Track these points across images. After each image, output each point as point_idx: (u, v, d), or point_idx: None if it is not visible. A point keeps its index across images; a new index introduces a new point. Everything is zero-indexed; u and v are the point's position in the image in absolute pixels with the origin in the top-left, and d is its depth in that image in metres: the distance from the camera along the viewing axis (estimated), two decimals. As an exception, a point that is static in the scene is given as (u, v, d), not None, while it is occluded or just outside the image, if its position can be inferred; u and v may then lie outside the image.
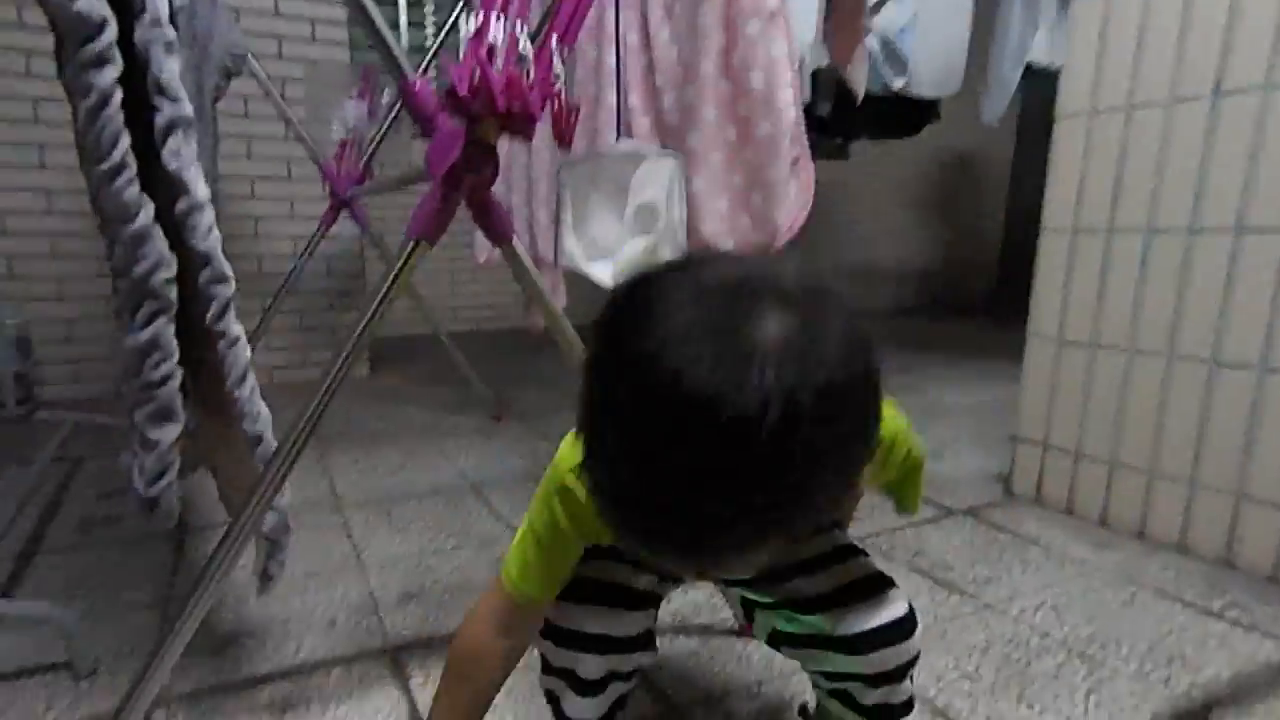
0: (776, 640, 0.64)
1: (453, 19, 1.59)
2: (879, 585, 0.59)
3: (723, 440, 0.34)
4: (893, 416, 0.60)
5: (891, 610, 0.58)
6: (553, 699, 0.65)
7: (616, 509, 0.40)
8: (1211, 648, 0.96)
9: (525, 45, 0.68)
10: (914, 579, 1.14)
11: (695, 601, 1.05)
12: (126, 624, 0.99)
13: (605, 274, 1.28)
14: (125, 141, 0.51)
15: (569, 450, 0.55)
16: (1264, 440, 1.13)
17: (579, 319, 0.94)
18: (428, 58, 1.64)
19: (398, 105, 1.69)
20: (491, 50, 0.66)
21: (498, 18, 0.65)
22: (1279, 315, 1.10)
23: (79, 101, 0.53)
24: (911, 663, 0.59)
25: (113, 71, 0.53)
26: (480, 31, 0.65)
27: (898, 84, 2.38)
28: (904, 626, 0.58)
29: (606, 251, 1.26)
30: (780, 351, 0.34)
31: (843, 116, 2.70)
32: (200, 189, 0.56)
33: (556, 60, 0.70)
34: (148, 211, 0.53)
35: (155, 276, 0.51)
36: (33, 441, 1.65)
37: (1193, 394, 1.22)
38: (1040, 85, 2.37)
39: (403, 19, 3.44)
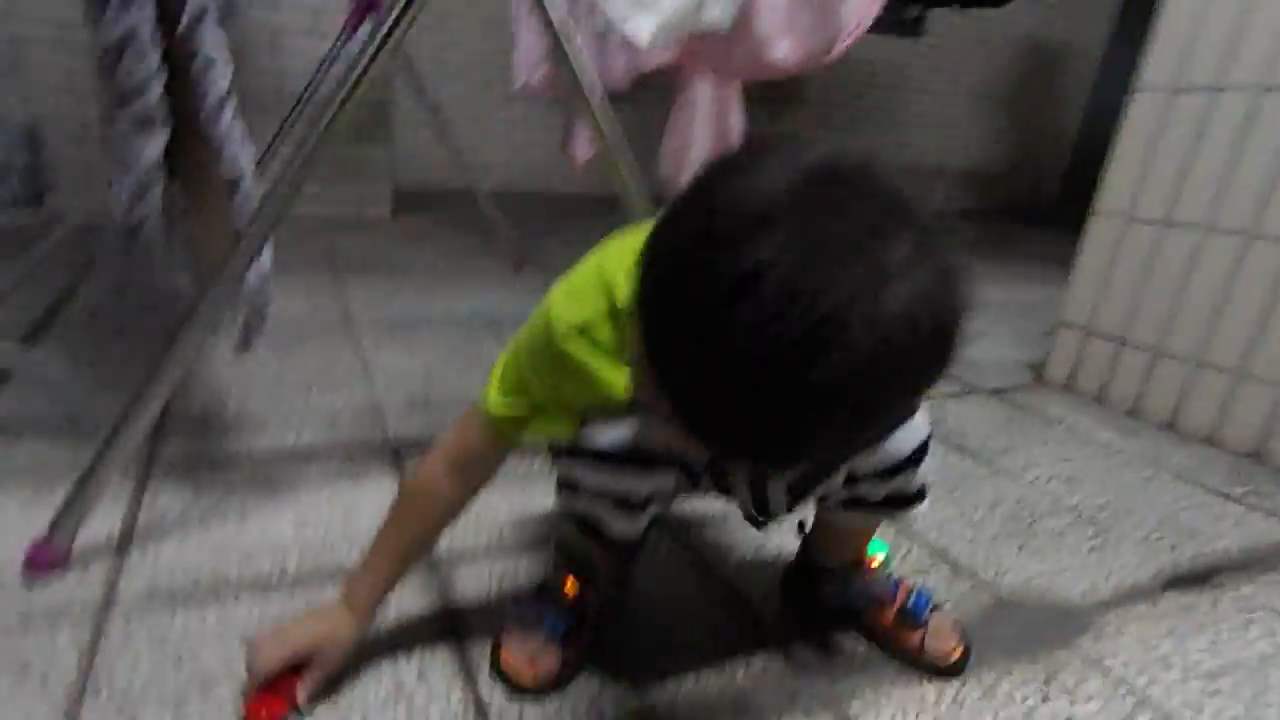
0: (793, 491, 0.58)
1: None
2: None
3: (839, 358, 0.32)
4: None
5: None
6: (588, 524, 0.60)
7: (694, 413, 0.36)
8: (1225, 526, 0.93)
9: None
10: (926, 441, 1.11)
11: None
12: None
13: (644, 28, 1.10)
14: None
15: (566, 304, 0.49)
16: (1334, 333, 1.05)
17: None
18: None
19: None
20: None
21: None
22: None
23: None
24: (923, 446, 0.57)
25: None
26: None
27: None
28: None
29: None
30: (909, 275, 0.33)
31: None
32: None
33: None
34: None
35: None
36: (43, 238, 1.64)
37: (1263, 280, 1.12)
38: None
39: None
